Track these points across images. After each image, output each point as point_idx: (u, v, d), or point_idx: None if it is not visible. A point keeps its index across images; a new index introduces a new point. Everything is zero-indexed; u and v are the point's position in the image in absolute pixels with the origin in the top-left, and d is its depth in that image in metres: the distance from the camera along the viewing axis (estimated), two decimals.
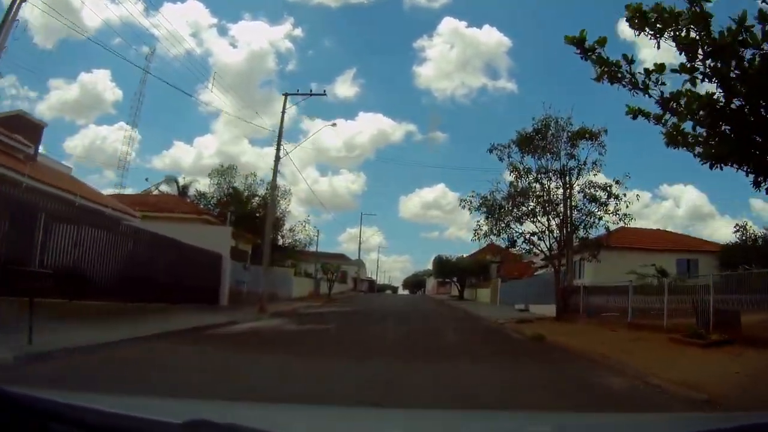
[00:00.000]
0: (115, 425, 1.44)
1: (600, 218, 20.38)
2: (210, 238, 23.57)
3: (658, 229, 32.98)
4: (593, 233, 21.53)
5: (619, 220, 20.99)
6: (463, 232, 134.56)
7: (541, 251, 21.20)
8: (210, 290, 22.37)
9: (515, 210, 20.27)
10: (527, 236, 20.54)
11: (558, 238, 20.68)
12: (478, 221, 20.83)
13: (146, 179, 34.00)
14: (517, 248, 20.85)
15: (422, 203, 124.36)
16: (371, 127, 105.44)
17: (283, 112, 24.80)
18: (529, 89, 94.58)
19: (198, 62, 74.72)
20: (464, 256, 48.99)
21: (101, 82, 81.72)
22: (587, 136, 20.66)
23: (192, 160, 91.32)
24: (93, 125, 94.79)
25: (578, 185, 21.15)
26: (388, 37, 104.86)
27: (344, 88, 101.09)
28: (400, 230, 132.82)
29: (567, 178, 21.06)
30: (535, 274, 47.57)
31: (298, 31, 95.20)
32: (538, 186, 21.20)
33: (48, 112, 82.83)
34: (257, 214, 37.79)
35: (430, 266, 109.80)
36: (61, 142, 79.46)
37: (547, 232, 20.63)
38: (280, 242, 44.33)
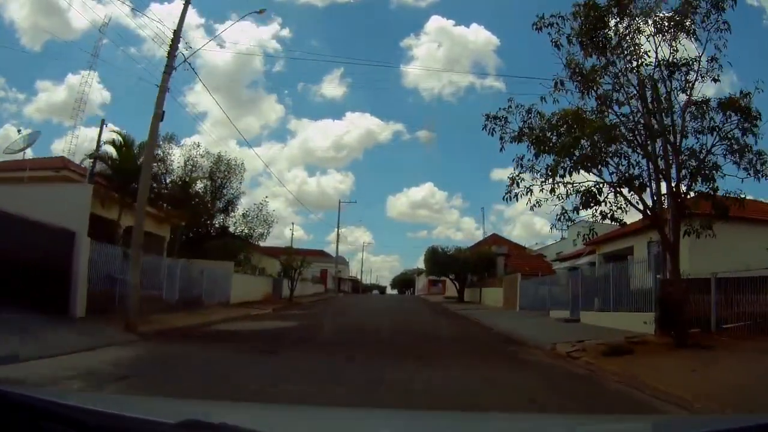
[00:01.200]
0: (108, 425, 1.42)
1: (745, 150, 10.74)
2: (62, 205, 14.03)
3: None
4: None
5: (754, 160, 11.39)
6: (451, 231, 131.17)
7: (642, 211, 11.30)
8: (51, 291, 12.84)
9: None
10: (619, 182, 10.65)
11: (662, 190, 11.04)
12: (519, 160, 10.91)
13: (18, 130, 22.59)
14: (593, 209, 10.89)
15: (410, 202, 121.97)
16: (359, 126, 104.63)
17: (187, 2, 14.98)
18: (517, 88, 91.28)
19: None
20: (462, 248, 39.33)
21: (88, 83, 75.09)
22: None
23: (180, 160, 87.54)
24: (81, 127, 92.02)
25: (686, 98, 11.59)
26: (376, 36, 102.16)
27: (331, 87, 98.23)
28: (388, 230, 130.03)
29: (669, 82, 11.56)
30: (555, 269, 38.10)
31: (285, 32, 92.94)
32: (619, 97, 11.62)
33: (37, 115, 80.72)
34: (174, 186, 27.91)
35: (419, 265, 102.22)
36: (50, 144, 78.06)
37: (649, 173, 10.91)
38: (231, 230, 34.65)
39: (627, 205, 11.35)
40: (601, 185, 10.62)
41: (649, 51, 11.77)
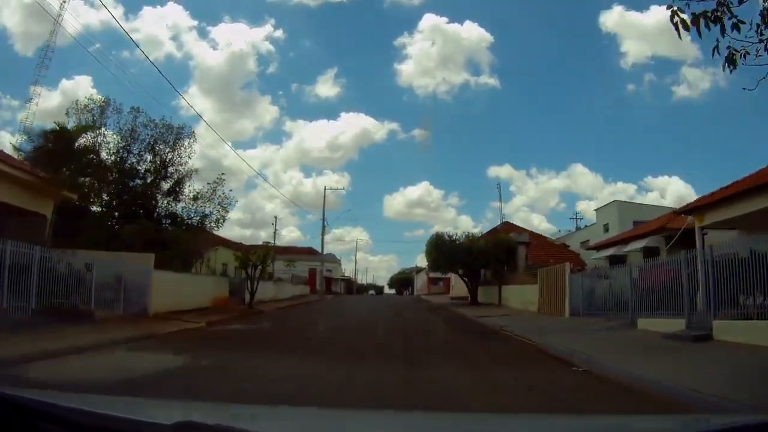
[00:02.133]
0: (105, 426, 1.40)
1: None
2: None
3: None
4: None
5: None
6: (449, 230, 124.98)
7: None
8: None
9: None
10: None
11: None
12: None
13: None
14: None
15: (407, 202, 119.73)
16: (354, 126, 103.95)
17: None
18: (511, 85, 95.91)
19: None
20: (473, 235, 31.63)
21: (83, 88, 77.62)
22: None
23: None
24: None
25: None
26: (369, 35, 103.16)
27: (326, 88, 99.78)
28: (385, 229, 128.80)
29: None
30: (593, 258, 30.69)
31: (278, 33, 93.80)
32: None
33: (29, 120, 73.44)
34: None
35: (419, 263, 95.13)
36: None
37: None
38: (179, 214, 27.16)
39: None
40: None
41: None
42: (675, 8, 4.48)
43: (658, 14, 75.26)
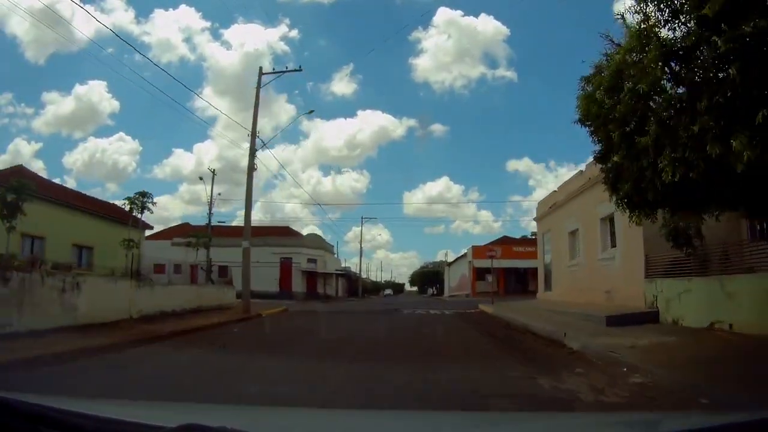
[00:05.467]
0: (108, 429, 1.40)
1: None
2: None
3: None
4: None
5: None
6: (469, 225, 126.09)
7: None
8: None
9: None
10: None
11: None
12: None
13: None
14: None
15: (427, 198, 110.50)
16: (371, 124, 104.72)
17: None
18: (528, 77, 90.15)
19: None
20: None
21: (96, 93, 76.03)
22: None
23: (192, 166, 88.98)
24: (92, 137, 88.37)
25: None
26: (384, 31, 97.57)
27: (342, 85, 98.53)
28: (405, 226, 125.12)
29: None
30: None
31: (293, 32, 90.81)
32: None
33: (45, 128, 77.04)
34: None
35: (441, 257, 71.42)
36: (61, 157, 76.24)
37: None
38: None
39: None
40: None
41: None
42: None
43: None
